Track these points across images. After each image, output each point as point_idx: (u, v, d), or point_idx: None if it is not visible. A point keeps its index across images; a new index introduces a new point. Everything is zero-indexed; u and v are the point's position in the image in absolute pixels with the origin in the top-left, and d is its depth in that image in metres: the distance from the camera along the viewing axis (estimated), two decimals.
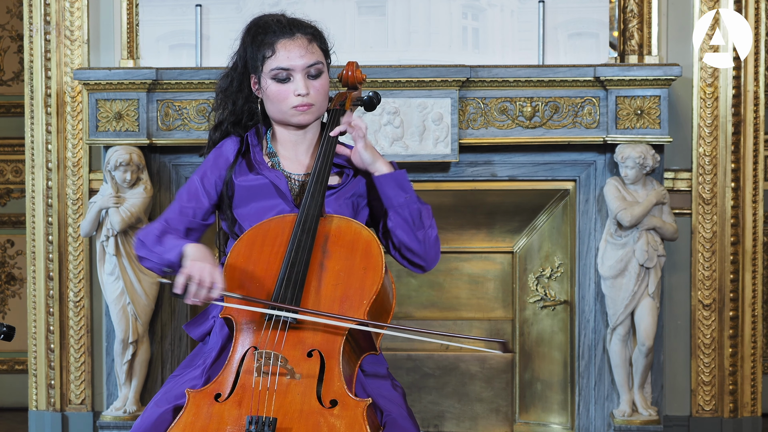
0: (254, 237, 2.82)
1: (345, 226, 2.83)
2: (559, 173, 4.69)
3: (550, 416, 4.86)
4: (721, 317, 4.75)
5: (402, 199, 2.89)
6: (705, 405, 4.76)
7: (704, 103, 4.69)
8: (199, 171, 2.97)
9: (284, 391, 2.61)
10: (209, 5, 4.74)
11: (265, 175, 2.91)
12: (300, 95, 2.88)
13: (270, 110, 2.94)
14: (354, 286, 2.74)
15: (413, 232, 2.89)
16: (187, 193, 2.95)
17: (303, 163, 2.96)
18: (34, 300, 4.89)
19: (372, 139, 4.55)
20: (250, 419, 2.56)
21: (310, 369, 2.64)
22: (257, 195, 2.91)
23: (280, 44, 2.89)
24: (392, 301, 2.85)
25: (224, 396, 2.64)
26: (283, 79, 2.89)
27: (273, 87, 2.89)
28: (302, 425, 2.57)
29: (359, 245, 2.79)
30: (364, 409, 2.60)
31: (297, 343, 2.68)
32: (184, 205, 2.93)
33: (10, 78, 5.74)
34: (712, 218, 4.72)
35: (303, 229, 2.78)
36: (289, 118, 2.91)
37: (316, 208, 2.81)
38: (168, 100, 4.62)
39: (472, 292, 4.93)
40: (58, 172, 4.82)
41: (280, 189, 2.90)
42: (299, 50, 2.89)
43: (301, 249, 2.75)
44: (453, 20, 4.72)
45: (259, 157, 2.94)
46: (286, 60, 2.88)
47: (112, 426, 4.60)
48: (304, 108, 2.89)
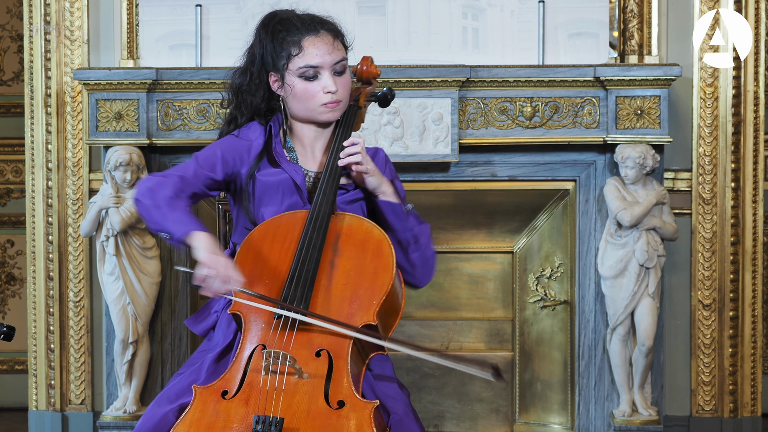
0: (265, 232, 2.79)
1: (356, 225, 2.81)
2: (559, 173, 4.69)
3: (550, 416, 4.86)
4: (721, 317, 4.75)
5: (399, 226, 2.88)
6: (705, 405, 4.76)
7: (704, 103, 4.69)
8: (222, 144, 2.91)
9: (292, 390, 2.60)
10: (209, 5, 4.74)
11: (284, 169, 2.88)
12: (330, 92, 2.86)
13: (295, 108, 2.91)
14: (364, 285, 2.72)
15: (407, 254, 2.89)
16: (206, 158, 2.89)
17: (317, 159, 2.94)
18: (34, 300, 4.89)
19: (372, 139, 4.55)
20: (257, 419, 2.55)
21: (318, 369, 2.63)
22: (277, 191, 2.88)
23: (307, 41, 2.86)
24: (401, 301, 2.83)
25: (231, 393, 2.63)
26: (310, 77, 2.86)
27: (300, 85, 2.87)
28: (309, 426, 2.56)
29: (370, 244, 2.77)
30: (371, 411, 2.59)
31: (305, 343, 2.66)
32: (200, 169, 2.87)
33: (10, 78, 5.74)
34: (712, 218, 4.72)
35: (314, 227, 2.76)
36: (317, 115, 2.90)
37: (327, 205, 2.79)
38: (168, 100, 4.62)
39: (472, 292, 4.92)
40: (58, 172, 4.82)
41: (297, 184, 2.88)
42: (327, 47, 2.87)
43: (312, 246, 2.74)
44: (453, 20, 4.72)
45: (280, 148, 2.92)
46: (315, 57, 2.86)
47: (112, 426, 4.60)
48: (333, 105, 2.88)
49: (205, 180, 2.87)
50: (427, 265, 2.93)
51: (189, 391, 2.69)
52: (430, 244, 2.93)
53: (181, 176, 2.84)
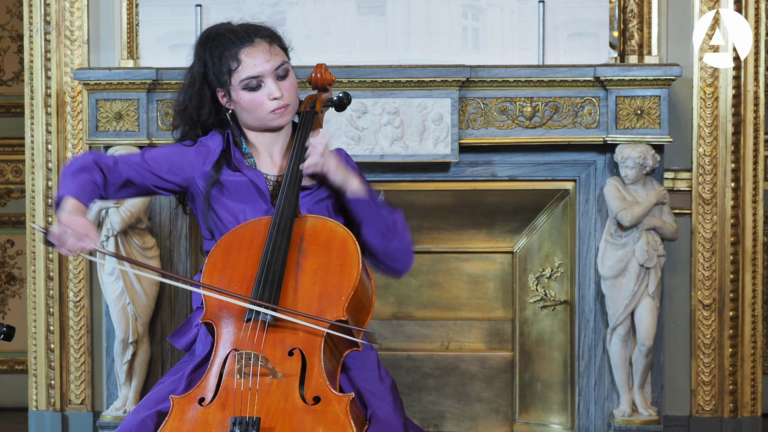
0: (230, 242, 2.83)
1: (320, 225, 2.84)
2: (559, 173, 4.69)
3: (550, 416, 4.86)
4: (721, 317, 4.75)
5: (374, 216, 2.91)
6: (705, 405, 4.76)
7: (704, 103, 4.69)
8: (175, 145, 2.98)
9: (266, 390, 2.61)
10: (209, 5, 4.74)
11: (245, 173, 2.93)
12: (276, 98, 2.90)
13: (245, 119, 2.95)
14: (332, 283, 2.75)
15: (387, 242, 2.92)
16: (152, 155, 2.94)
17: (277, 164, 2.98)
18: (34, 300, 4.89)
19: (372, 139, 4.55)
20: (233, 420, 2.55)
21: (291, 368, 2.65)
22: (237, 193, 2.92)
23: (243, 53, 2.90)
24: (372, 296, 2.86)
25: (208, 400, 2.64)
26: (254, 87, 2.90)
27: (246, 96, 2.90)
28: (286, 423, 2.57)
29: (335, 243, 2.80)
30: (347, 404, 2.60)
31: (277, 343, 2.68)
32: (143, 162, 2.93)
33: (10, 78, 5.74)
34: (712, 218, 4.72)
35: (278, 230, 2.79)
36: (267, 123, 2.93)
37: (290, 209, 2.82)
38: (168, 100, 4.62)
39: (472, 292, 4.93)
40: (58, 172, 4.82)
41: (259, 188, 2.91)
42: (264, 55, 2.90)
43: (277, 249, 2.76)
44: (453, 20, 4.72)
45: (239, 155, 2.96)
46: (254, 68, 2.89)
47: (112, 426, 4.60)
48: (281, 110, 2.92)
49: (146, 174, 2.92)
50: (407, 251, 2.97)
51: (167, 399, 2.71)
52: (406, 231, 2.96)
53: (115, 159, 2.91)
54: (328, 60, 3.08)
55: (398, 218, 2.95)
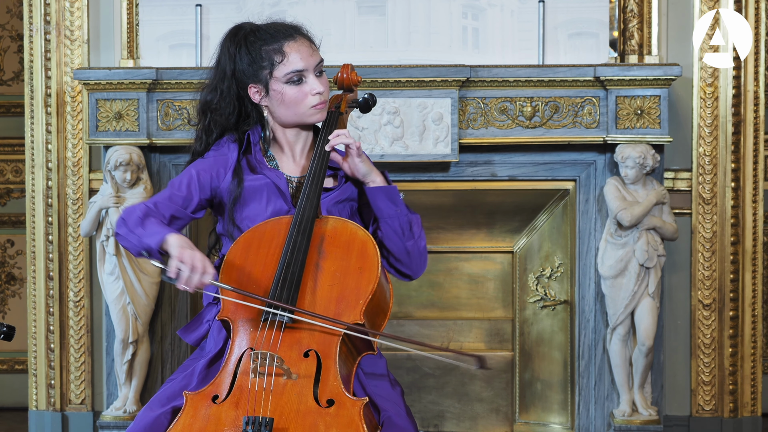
0: (250, 239, 2.82)
1: (341, 227, 2.83)
2: (559, 173, 4.69)
3: (550, 416, 4.86)
4: (721, 317, 4.75)
5: (392, 211, 2.90)
6: (705, 405, 4.76)
7: (704, 103, 4.69)
8: (197, 164, 2.96)
9: (281, 391, 2.61)
10: (209, 5, 4.74)
11: (266, 175, 2.92)
12: (318, 93, 2.90)
13: (281, 114, 2.93)
14: (350, 286, 2.74)
15: (403, 242, 2.91)
16: (180, 182, 2.93)
17: (300, 164, 2.97)
18: (34, 300, 4.89)
19: (372, 139, 4.56)
20: (246, 420, 2.56)
21: (306, 369, 2.65)
22: (259, 195, 2.91)
23: (287, 47, 2.89)
24: (389, 300, 2.85)
25: (221, 397, 2.64)
26: (296, 81, 2.89)
27: (290, 91, 2.89)
28: (299, 425, 2.57)
29: (355, 245, 2.80)
30: (360, 408, 2.60)
31: (293, 344, 2.68)
32: (175, 192, 2.91)
33: (10, 78, 5.74)
34: (712, 218, 4.72)
35: (299, 231, 2.78)
36: (306, 118, 2.92)
37: (311, 209, 2.81)
38: (168, 100, 4.62)
39: (472, 292, 4.93)
40: (58, 172, 4.82)
41: (280, 189, 2.91)
42: (308, 50, 2.91)
43: (297, 250, 2.76)
44: (453, 20, 4.72)
45: (260, 156, 2.95)
46: (300, 62, 2.89)
47: (112, 426, 4.60)
48: (322, 105, 2.92)
49: (184, 202, 2.91)
50: (422, 255, 2.95)
51: (181, 395, 2.71)
52: (422, 233, 2.96)
53: (154, 202, 2.90)
54: (328, 60, 3.07)
55: (416, 220, 2.94)
